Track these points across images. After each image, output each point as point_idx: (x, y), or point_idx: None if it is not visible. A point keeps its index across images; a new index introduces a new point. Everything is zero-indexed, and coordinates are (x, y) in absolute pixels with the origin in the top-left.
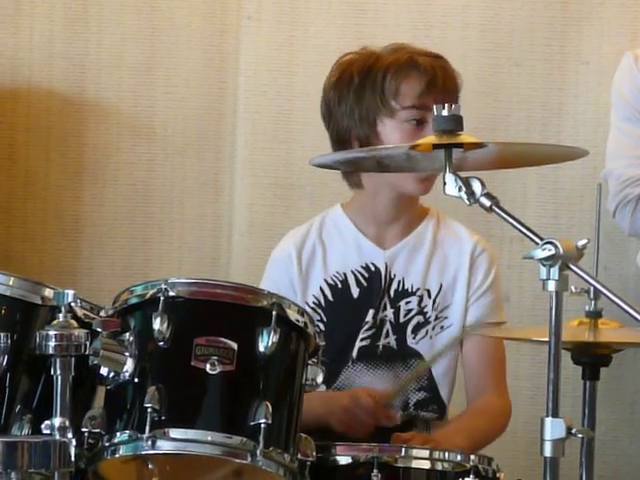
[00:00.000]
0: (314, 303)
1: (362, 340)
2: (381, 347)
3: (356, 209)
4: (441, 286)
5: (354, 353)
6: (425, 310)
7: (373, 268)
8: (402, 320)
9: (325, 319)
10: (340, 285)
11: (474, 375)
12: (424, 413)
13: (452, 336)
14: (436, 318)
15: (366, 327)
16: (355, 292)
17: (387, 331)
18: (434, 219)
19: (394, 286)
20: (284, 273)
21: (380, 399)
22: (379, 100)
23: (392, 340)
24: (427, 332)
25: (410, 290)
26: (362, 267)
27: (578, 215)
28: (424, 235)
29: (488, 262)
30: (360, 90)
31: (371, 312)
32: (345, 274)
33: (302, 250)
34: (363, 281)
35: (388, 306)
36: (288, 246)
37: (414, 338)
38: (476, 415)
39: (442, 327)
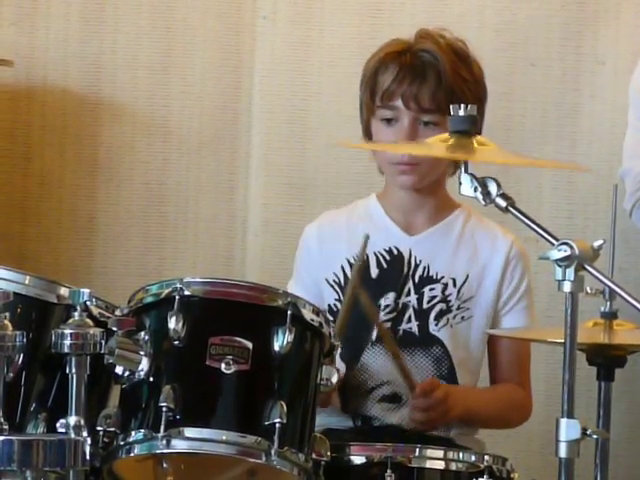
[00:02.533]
0: (334, 281)
1: (383, 323)
2: (402, 332)
3: (386, 197)
4: (467, 276)
5: (373, 336)
6: (449, 298)
7: (396, 252)
8: (425, 306)
9: (342, 298)
10: None
11: (499, 368)
12: None
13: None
14: (458, 308)
15: (387, 310)
16: (374, 273)
17: (409, 316)
18: (465, 212)
19: (419, 272)
20: (305, 248)
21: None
22: (367, 97)
23: (414, 326)
24: (448, 320)
25: (435, 277)
26: (385, 250)
27: (593, 216)
28: (453, 225)
29: (523, 266)
30: (360, 85)
31: (392, 295)
32: (367, 255)
33: (327, 227)
34: (384, 263)
35: (412, 291)
36: (316, 223)
37: (436, 325)
38: (498, 392)
39: (462, 317)
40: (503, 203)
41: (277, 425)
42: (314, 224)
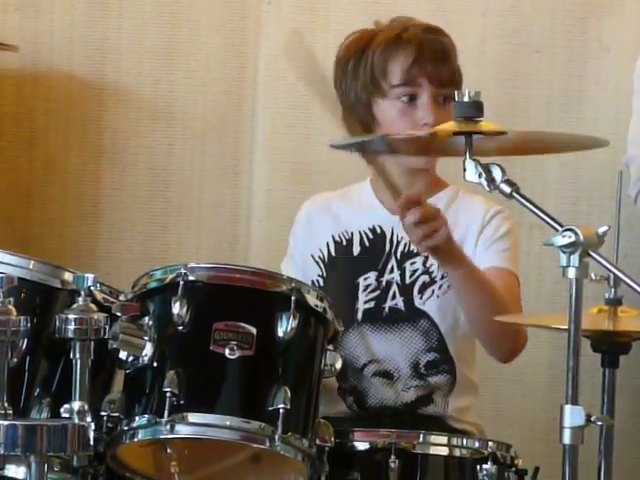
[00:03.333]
0: (319, 257)
1: (366, 302)
2: (387, 309)
3: (378, 182)
4: None
5: (359, 315)
6: (431, 270)
7: (379, 230)
8: (408, 281)
9: (325, 274)
10: (345, 243)
11: None
12: (437, 378)
13: None
14: (442, 277)
15: (370, 289)
16: (356, 250)
17: (394, 293)
18: (451, 192)
19: (400, 248)
20: (296, 224)
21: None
22: (370, 81)
23: (399, 302)
24: (433, 291)
25: (415, 251)
26: (369, 228)
27: (598, 202)
28: (436, 203)
29: (501, 218)
30: (355, 71)
31: (373, 274)
32: (352, 233)
33: (317, 205)
34: (366, 241)
35: (395, 268)
36: (309, 201)
37: (421, 298)
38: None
39: (449, 286)
40: (507, 189)
41: (281, 411)
42: (307, 202)
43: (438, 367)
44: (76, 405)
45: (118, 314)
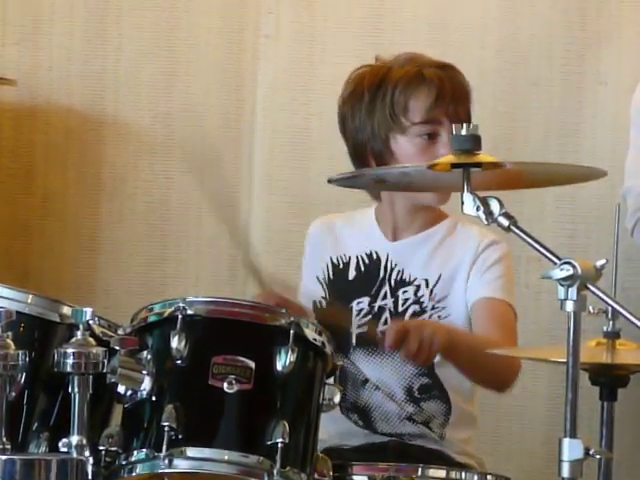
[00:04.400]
0: (322, 279)
1: (360, 327)
2: (379, 334)
3: (380, 212)
4: (440, 276)
5: (353, 339)
6: (422, 300)
7: (375, 256)
8: (400, 309)
9: (327, 296)
10: (342, 266)
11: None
12: (431, 405)
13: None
14: (433, 308)
15: (362, 314)
16: (351, 275)
17: (386, 319)
18: (449, 224)
19: (394, 276)
20: (306, 244)
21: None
22: (389, 117)
23: None
24: None
25: (408, 280)
26: (366, 254)
27: (595, 235)
28: (434, 234)
29: (494, 249)
30: (371, 106)
31: (366, 300)
32: (349, 257)
33: (321, 227)
34: (362, 266)
35: (388, 295)
36: (316, 221)
37: None
38: (484, 336)
39: (439, 317)
40: (505, 222)
41: (279, 445)
42: (314, 223)
43: (431, 392)
44: (74, 439)
45: (117, 348)
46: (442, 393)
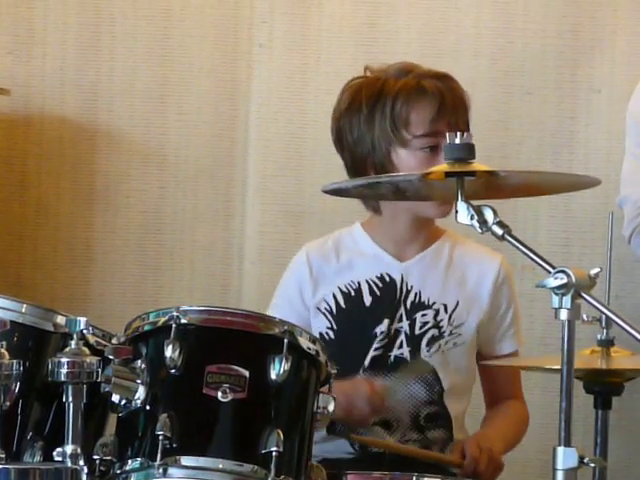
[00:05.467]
0: (325, 309)
1: (375, 350)
2: (393, 358)
3: (375, 228)
4: (457, 303)
5: (366, 362)
6: (441, 324)
7: (388, 279)
8: (417, 332)
9: (335, 326)
10: (353, 293)
11: (496, 386)
12: (435, 433)
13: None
14: (450, 333)
15: (381, 337)
16: (367, 301)
17: (401, 342)
18: (451, 238)
19: (410, 298)
20: (294, 278)
21: (378, 388)
22: (390, 130)
23: (406, 351)
24: (440, 346)
25: (427, 303)
26: (377, 277)
27: (589, 243)
28: (441, 251)
29: (511, 289)
30: (370, 119)
31: (386, 322)
32: (359, 283)
33: (315, 256)
34: (377, 290)
35: (404, 317)
36: (302, 253)
37: (428, 351)
38: (509, 419)
39: (455, 343)
40: (500, 231)
41: (274, 454)
42: (303, 254)
43: (437, 421)
44: (69, 449)
45: (111, 357)
46: (447, 422)
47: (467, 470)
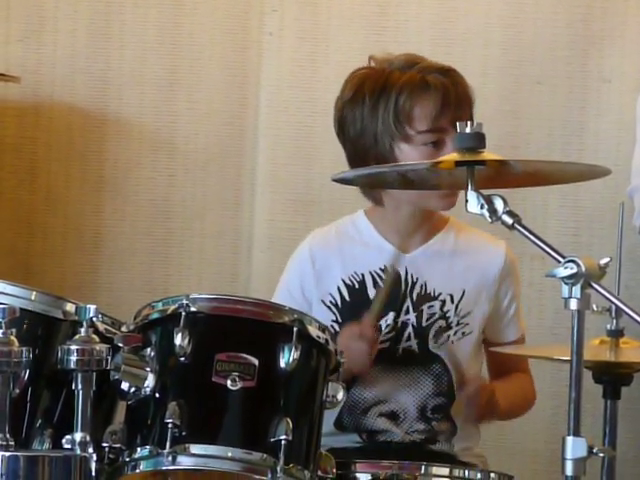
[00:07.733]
0: (330, 302)
1: (382, 343)
2: (401, 350)
3: (378, 218)
4: (464, 292)
5: (372, 355)
6: (448, 315)
7: None
8: (424, 324)
9: (340, 319)
10: (357, 285)
11: (502, 361)
12: (441, 424)
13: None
14: (458, 324)
15: (387, 330)
16: (371, 293)
17: (409, 335)
18: (454, 227)
19: (416, 290)
20: (297, 272)
21: (365, 321)
22: (393, 125)
23: (413, 344)
24: (449, 337)
25: (433, 294)
26: (381, 269)
27: (599, 233)
28: (445, 241)
29: (515, 276)
30: (373, 112)
31: (392, 315)
32: (363, 275)
33: (318, 249)
34: (380, 282)
35: (411, 310)
36: (305, 245)
37: (435, 342)
38: (515, 385)
39: (463, 333)
40: (509, 220)
41: (283, 442)
42: (305, 245)
43: (444, 412)
44: (78, 436)
45: (120, 345)
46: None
47: (468, 395)
